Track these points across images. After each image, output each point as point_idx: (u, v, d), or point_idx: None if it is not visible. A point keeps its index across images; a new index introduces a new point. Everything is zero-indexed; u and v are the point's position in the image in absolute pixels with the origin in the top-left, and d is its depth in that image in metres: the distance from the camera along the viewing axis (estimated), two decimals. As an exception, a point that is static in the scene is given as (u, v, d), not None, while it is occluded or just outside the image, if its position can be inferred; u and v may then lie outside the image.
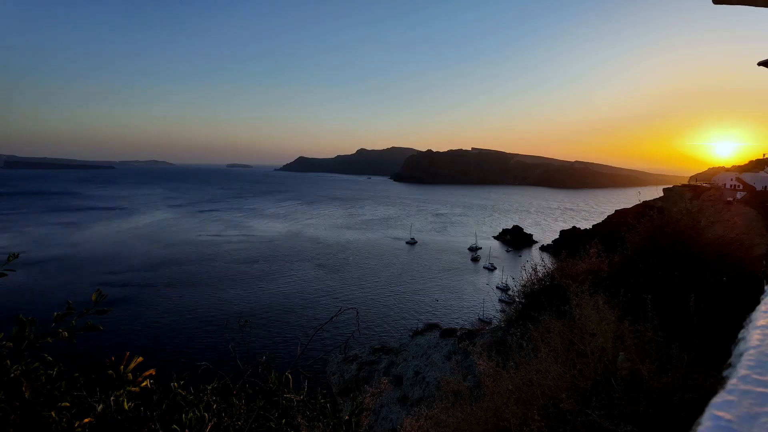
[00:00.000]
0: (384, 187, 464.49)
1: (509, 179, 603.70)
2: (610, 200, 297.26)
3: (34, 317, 1.57)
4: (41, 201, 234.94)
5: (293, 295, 79.17)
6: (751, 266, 5.18)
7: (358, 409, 2.47)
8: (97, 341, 24.44)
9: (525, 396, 3.96)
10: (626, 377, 3.51)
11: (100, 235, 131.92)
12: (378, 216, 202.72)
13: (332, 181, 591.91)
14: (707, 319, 4.16)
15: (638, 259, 6.17)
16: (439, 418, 4.94)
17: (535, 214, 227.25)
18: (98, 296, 1.73)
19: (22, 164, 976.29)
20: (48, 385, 1.50)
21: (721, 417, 1.34)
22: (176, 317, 66.21)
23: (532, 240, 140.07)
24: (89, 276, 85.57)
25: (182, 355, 51.70)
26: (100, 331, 1.66)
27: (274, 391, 2.27)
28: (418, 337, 11.43)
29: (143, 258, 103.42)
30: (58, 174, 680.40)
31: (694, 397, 2.92)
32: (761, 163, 73.61)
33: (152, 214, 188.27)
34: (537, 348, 4.61)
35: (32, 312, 1.56)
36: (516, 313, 7.92)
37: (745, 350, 1.79)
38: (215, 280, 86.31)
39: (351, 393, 10.30)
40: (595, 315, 4.26)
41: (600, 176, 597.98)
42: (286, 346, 54.48)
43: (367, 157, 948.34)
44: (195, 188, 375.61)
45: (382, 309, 72.71)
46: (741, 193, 58.73)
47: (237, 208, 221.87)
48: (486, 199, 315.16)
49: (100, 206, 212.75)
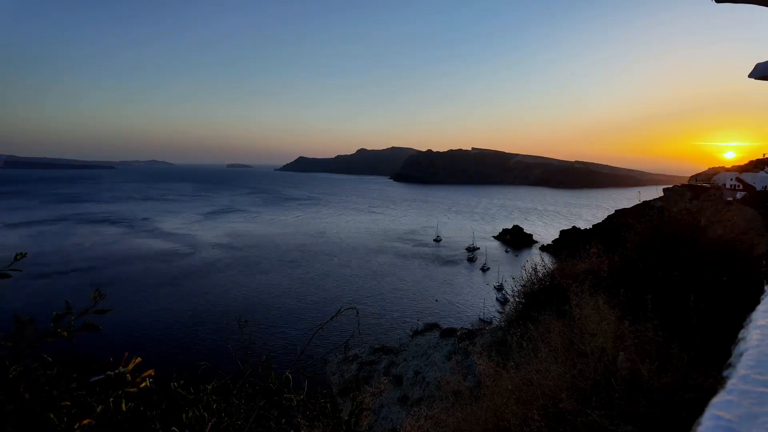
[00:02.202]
0: (384, 187, 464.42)
1: (509, 179, 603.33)
2: (610, 200, 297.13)
3: (33, 317, 1.57)
4: (42, 201, 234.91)
5: (293, 295, 79.18)
6: (751, 266, 5.17)
7: (358, 409, 2.47)
8: (96, 341, 24.43)
9: (525, 396, 3.95)
10: (626, 377, 3.51)
11: (100, 235, 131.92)
12: (378, 216, 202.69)
13: (332, 181, 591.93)
14: (707, 319, 4.16)
15: (638, 259, 6.17)
16: (439, 418, 4.94)
17: (535, 214, 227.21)
18: (97, 296, 1.72)
19: (22, 164, 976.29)
20: (47, 385, 1.50)
21: (721, 417, 1.34)
22: (176, 317, 66.20)
23: (532, 240, 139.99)
24: (89, 276, 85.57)
25: (182, 355, 51.69)
26: (99, 332, 1.66)
27: (274, 391, 2.26)
28: (418, 337, 11.43)
29: (143, 258, 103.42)
30: (58, 174, 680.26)
31: (694, 397, 2.92)
32: (761, 163, 73.55)
33: (152, 213, 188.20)
34: (537, 348, 4.61)
35: (31, 311, 1.56)
36: (516, 313, 7.91)
37: (745, 350, 1.79)
38: (215, 280, 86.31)
39: (351, 393, 10.30)
40: (595, 315, 4.26)
41: (600, 176, 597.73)
42: (286, 346, 54.50)
43: (367, 157, 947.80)
44: (196, 188, 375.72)
45: (382, 309, 72.70)
46: (741, 193, 58.69)
47: (237, 209, 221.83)
48: (486, 199, 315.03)
49: (100, 205, 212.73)
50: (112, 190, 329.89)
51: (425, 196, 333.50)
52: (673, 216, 6.22)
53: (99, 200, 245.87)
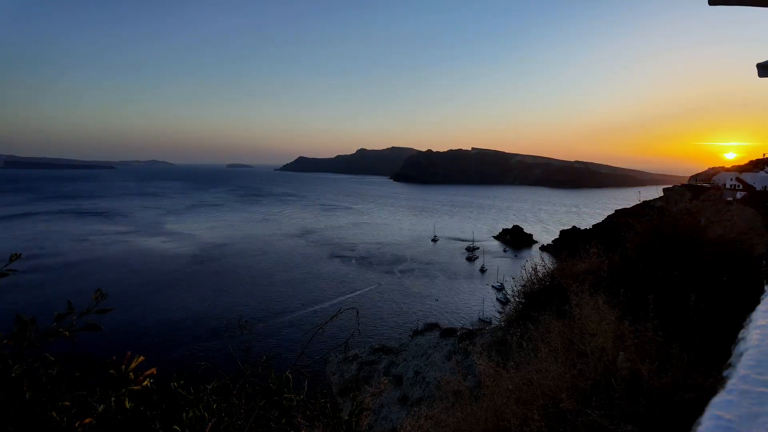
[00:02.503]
0: (384, 187, 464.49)
1: (509, 179, 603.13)
2: (610, 200, 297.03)
3: (34, 317, 1.57)
4: (42, 200, 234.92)
5: (293, 295, 79.19)
6: (751, 266, 5.17)
7: (358, 409, 2.47)
8: (97, 341, 24.44)
9: (525, 396, 3.96)
10: (626, 377, 3.51)
11: (100, 235, 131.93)
12: (378, 216, 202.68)
13: (332, 181, 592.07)
14: (707, 319, 4.16)
15: (638, 259, 6.17)
16: (439, 418, 4.94)
17: (534, 213, 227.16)
18: (99, 296, 1.72)
19: (22, 164, 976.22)
20: (49, 384, 1.50)
21: (721, 417, 1.34)
22: (176, 317, 66.21)
23: (532, 240, 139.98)
24: (89, 275, 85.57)
25: (182, 355, 51.73)
26: (100, 331, 1.66)
27: (274, 391, 2.26)
28: (418, 337, 11.43)
29: (144, 257, 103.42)
30: (58, 174, 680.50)
31: (694, 397, 2.92)
32: (761, 163, 73.55)
33: (151, 214, 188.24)
34: (537, 348, 4.61)
35: (32, 311, 1.56)
36: (516, 313, 7.92)
37: (745, 350, 1.79)
38: (216, 280, 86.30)
39: (351, 393, 10.30)
40: (595, 315, 4.26)
41: (600, 176, 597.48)
42: (286, 346, 54.50)
43: (367, 157, 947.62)
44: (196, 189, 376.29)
45: (382, 309, 72.70)
46: (741, 193, 58.67)
47: (238, 209, 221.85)
48: (486, 199, 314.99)
49: (100, 205, 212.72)
50: (112, 189, 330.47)
51: (425, 196, 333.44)
52: (673, 216, 6.22)
53: (98, 199, 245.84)
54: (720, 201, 45.63)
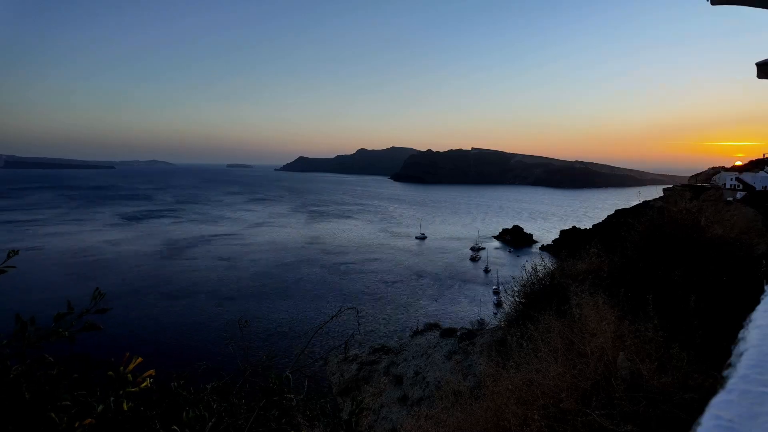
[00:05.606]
0: (384, 187, 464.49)
1: (509, 179, 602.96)
2: (610, 200, 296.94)
3: (33, 317, 1.57)
4: (42, 200, 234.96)
5: (293, 295, 79.19)
6: (751, 266, 5.17)
7: (358, 408, 2.47)
8: (97, 341, 24.42)
9: (525, 396, 3.96)
10: (626, 377, 3.51)
11: (100, 234, 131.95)
12: (378, 216, 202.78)
13: (332, 181, 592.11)
14: (707, 319, 4.16)
15: (638, 259, 6.17)
16: (439, 418, 4.94)
17: (534, 213, 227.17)
18: (97, 295, 1.72)
19: (22, 164, 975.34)
20: (48, 385, 1.50)
21: (721, 417, 1.34)
22: (176, 317, 66.21)
23: (532, 240, 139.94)
24: (89, 275, 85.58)
25: (182, 355, 51.69)
26: (99, 331, 1.66)
27: (274, 391, 2.26)
28: (418, 337, 11.43)
29: (143, 257, 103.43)
30: (58, 174, 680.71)
31: (694, 397, 2.92)
32: (761, 163, 73.56)
33: (150, 213, 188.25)
34: (537, 348, 4.61)
35: (31, 311, 1.56)
36: (516, 313, 7.92)
37: (745, 350, 1.79)
38: (215, 280, 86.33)
39: (351, 393, 10.31)
40: (595, 315, 4.26)
41: (600, 176, 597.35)
42: (286, 346, 54.48)
43: (367, 157, 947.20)
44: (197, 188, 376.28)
45: (382, 309, 72.68)
46: (741, 193, 58.66)
47: (239, 208, 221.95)
48: (486, 199, 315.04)
49: (100, 205, 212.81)
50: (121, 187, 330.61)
51: (425, 196, 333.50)
52: (673, 216, 6.22)
53: (99, 198, 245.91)
54: (720, 201, 45.62)
